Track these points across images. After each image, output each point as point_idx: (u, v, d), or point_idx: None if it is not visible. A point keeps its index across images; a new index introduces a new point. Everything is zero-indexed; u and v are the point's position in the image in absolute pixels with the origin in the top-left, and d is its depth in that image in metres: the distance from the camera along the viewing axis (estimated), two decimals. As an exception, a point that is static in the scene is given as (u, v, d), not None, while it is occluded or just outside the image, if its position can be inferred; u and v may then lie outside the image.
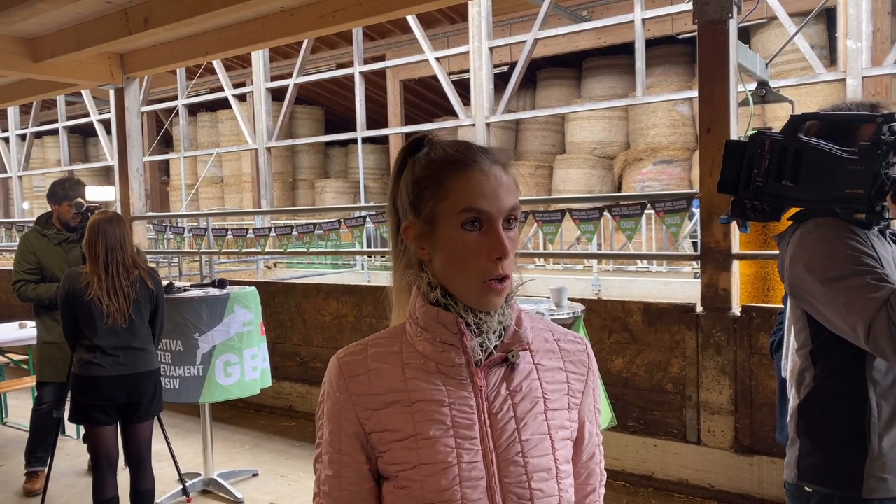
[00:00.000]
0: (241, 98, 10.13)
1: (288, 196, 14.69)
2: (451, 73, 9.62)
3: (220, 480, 4.16)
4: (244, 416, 5.69)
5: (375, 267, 10.55)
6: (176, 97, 10.31)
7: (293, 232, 5.85)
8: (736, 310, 3.83)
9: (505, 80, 7.71)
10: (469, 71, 7.69)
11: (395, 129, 11.01)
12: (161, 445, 4.00)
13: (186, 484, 4.05)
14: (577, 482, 1.15)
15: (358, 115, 8.82)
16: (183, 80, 10.08)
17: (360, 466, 1.08)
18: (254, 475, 4.41)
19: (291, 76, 9.16)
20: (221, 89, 9.60)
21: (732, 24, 3.78)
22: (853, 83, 6.07)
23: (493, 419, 1.05)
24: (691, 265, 8.55)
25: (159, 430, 3.84)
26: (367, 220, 5.58)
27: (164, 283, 3.69)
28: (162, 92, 11.76)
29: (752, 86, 4.32)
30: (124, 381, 3.21)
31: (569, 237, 9.58)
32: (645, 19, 6.94)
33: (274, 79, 9.34)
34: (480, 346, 1.06)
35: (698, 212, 4.02)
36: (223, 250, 6.72)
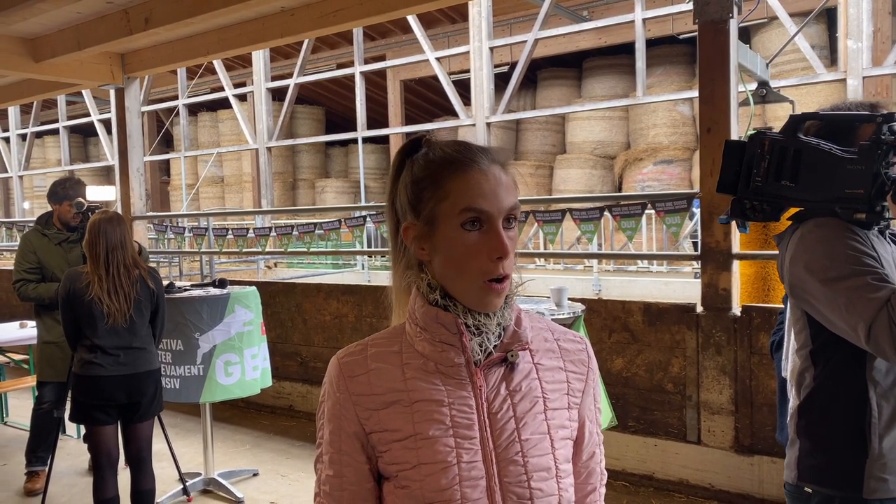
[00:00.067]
0: (242, 98, 10.13)
1: (288, 196, 14.71)
2: (452, 73, 9.63)
3: (221, 480, 4.16)
4: (245, 415, 5.69)
5: (376, 267, 10.56)
6: (176, 97, 10.31)
7: (294, 232, 5.85)
8: (736, 310, 3.83)
9: (505, 80, 7.70)
10: (469, 71, 7.69)
11: (396, 129, 11.01)
12: (161, 445, 4.00)
13: (187, 483, 4.06)
14: (578, 481, 1.15)
15: (358, 114, 8.82)
16: (183, 80, 10.08)
17: (360, 466, 1.08)
18: (254, 475, 4.42)
19: (292, 76, 9.16)
20: (222, 89, 9.59)
21: (733, 24, 3.78)
22: (854, 83, 6.07)
23: (493, 419, 1.05)
24: (692, 265, 8.55)
25: (160, 429, 3.85)
26: (368, 220, 5.58)
27: (164, 282, 3.70)
28: (162, 92, 11.75)
29: (752, 86, 4.32)
30: (125, 380, 3.22)
31: (569, 237, 9.59)
32: (645, 19, 6.94)
33: (274, 79, 9.33)
34: (480, 346, 1.06)
35: (699, 212, 4.02)
36: (224, 250, 6.72)
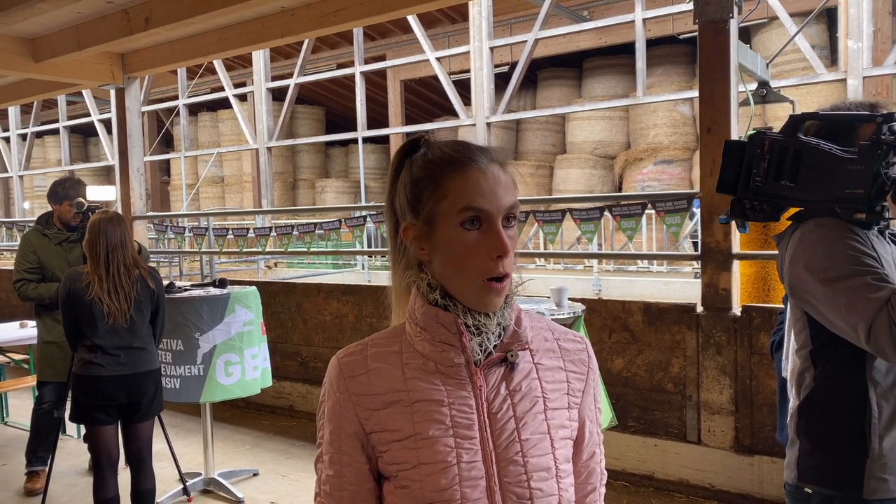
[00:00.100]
0: (242, 98, 10.13)
1: (288, 196, 14.71)
2: (452, 73, 9.63)
3: (221, 480, 4.16)
4: (245, 415, 5.69)
5: (376, 267, 10.56)
6: (176, 97, 10.31)
7: (294, 232, 5.85)
8: (736, 310, 3.83)
9: (505, 79, 7.70)
10: (470, 71, 7.68)
11: (396, 129, 11.01)
12: (162, 445, 4.00)
13: (187, 483, 4.06)
14: (578, 481, 1.15)
15: (358, 114, 8.82)
16: (184, 80, 10.08)
17: (360, 466, 1.08)
18: (254, 475, 4.42)
19: (292, 76, 9.16)
20: (222, 89, 9.59)
21: (733, 24, 3.78)
22: (854, 83, 6.07)
23: (493, 419, 1.05)
24: (692, 265, 8.55)
25: (160, 429, 3.85)
26: (368, 220, 5.58)
27: (164, 282, 3.70)
28: (162, 92, 11.76)
29: (752, 86, 4.32)
30: (125, 380, 3.22)
31: (569, 237, 9.59)
32: (646, 19, 6.93)
33: (274, 79, 9.33)
34: (480, 346, 1.06)
35: (699, 212, 4.02)
36: (224, 250, 6.72)
